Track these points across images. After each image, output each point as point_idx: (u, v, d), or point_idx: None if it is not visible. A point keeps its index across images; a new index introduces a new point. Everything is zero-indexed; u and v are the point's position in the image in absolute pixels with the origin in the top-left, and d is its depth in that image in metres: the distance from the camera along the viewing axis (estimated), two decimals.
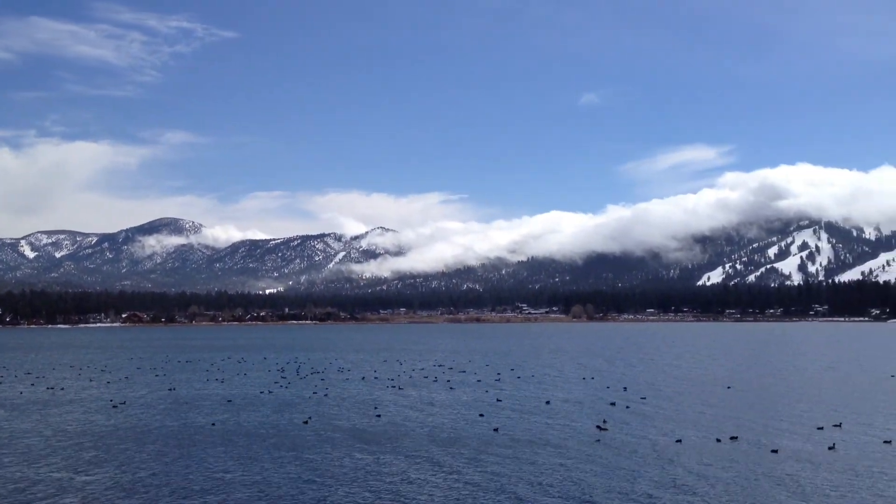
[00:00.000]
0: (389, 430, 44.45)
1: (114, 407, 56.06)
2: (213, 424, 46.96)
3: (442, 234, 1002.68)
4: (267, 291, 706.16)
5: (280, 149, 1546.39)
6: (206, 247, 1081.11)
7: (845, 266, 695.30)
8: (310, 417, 49.07)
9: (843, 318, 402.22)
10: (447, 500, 28.70)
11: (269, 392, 65.12)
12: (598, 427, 44.34)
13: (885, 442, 38.46)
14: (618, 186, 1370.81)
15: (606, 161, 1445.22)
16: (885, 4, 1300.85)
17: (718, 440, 40.00)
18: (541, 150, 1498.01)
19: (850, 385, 68.95)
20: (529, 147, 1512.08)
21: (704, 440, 40.10)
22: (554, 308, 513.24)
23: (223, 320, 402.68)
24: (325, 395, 62.75)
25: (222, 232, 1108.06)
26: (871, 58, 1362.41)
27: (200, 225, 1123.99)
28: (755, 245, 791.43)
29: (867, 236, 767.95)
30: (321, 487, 30.66)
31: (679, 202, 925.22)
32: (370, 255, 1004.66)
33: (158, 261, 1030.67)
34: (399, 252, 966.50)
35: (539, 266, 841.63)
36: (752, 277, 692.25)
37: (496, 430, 43.84)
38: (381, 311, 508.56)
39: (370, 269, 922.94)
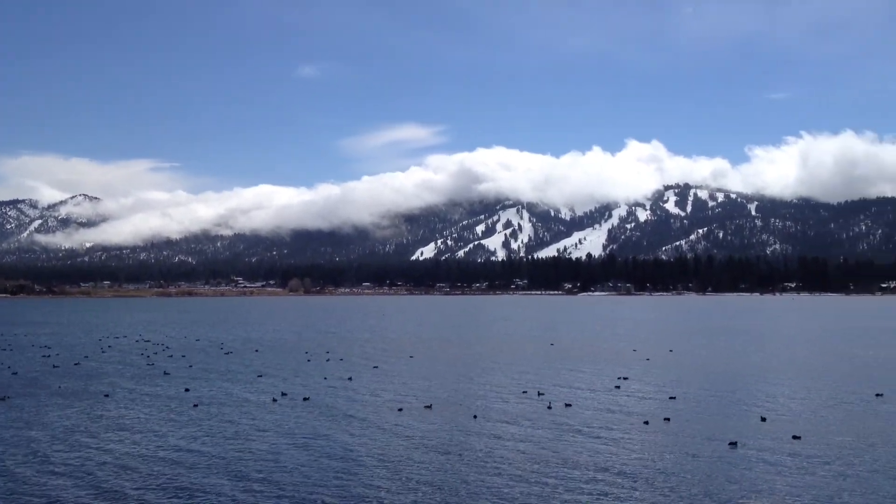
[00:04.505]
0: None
1: None
2: None
3: (147, 205, 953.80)
4: None
5: None
6: None
7: (544, 243, 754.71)
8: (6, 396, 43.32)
9: (540, 292, 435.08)
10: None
11: None
12: (303, 399, 43.18)
13: (566, 405, 40.51)
14: (332, 162, 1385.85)
15: (322, 136, 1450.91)
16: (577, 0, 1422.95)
17: (428, 406, 40.40)
18: (255, 121, 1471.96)
19: (522, 351, 73.57)
20: (243, 117, 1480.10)
21: (410, 407, 40.24)
22: (271, 281, 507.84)
23: None
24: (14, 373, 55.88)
25: None
26: (562, 50, 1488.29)
27: None
28: (465, 222, 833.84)
29: (563, 216, 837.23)
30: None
31: (388, 181, 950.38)
32: (69, 224, 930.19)
33: None
34: (102, 221, 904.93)
35: (252, 240, 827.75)
36: (461, 253, 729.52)
37: (196, 405, 41.09)
38: (83, 285, 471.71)
39: (70, 240, 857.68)
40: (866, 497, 23.67)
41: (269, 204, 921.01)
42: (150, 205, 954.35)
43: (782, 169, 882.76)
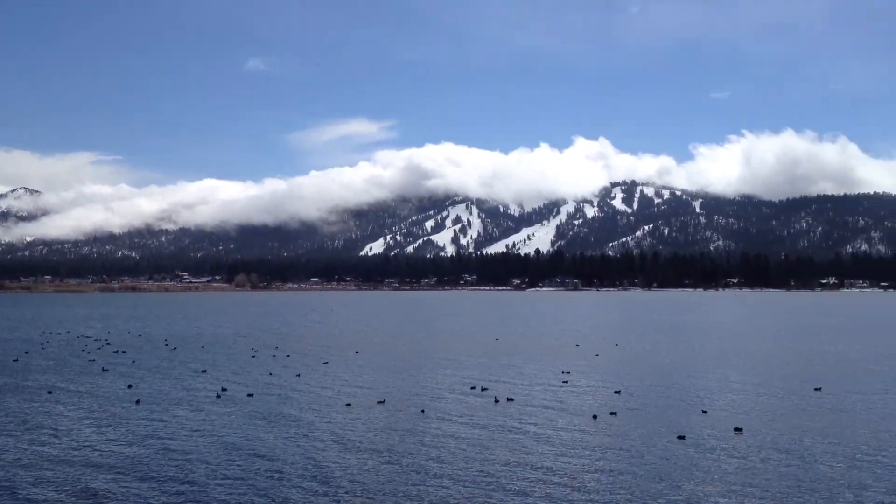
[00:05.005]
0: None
1: None
2: None
3: (89, 198, 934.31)
4: None
5: None
6: None
7: (493, 239, 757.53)
8: None
9: (488, 287, 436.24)
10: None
11: None
12: (248, 395, 42.61)
13: (508, 399, 40.63)
14: (279, 156, 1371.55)
15: (269, 130, 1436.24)
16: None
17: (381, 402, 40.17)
18: (201, 114, 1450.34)
19: (469, 347, 73.75)
20: (189, 110, 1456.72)
21: (358, 404, 39.98)
22: (216, 277, 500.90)
23: None
24: None
25: None
26: (511, 47, 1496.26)
27: None
28: (414, 218, 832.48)
29: (511, 212, 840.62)
30: None
31: (336, 176, 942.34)
32: (9, 217, 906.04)
33: None
34: (43, 215, 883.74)
35: (197, 235, 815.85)
36: (410, 248, 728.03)
37: (138, 401, 40.27)
38: (23, 279, 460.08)
39: (10, 234, 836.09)
40: (804, 485, 24.14)
41: (214, 198, 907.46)
42: (92, 198, 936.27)
43: (726, 167, 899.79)
